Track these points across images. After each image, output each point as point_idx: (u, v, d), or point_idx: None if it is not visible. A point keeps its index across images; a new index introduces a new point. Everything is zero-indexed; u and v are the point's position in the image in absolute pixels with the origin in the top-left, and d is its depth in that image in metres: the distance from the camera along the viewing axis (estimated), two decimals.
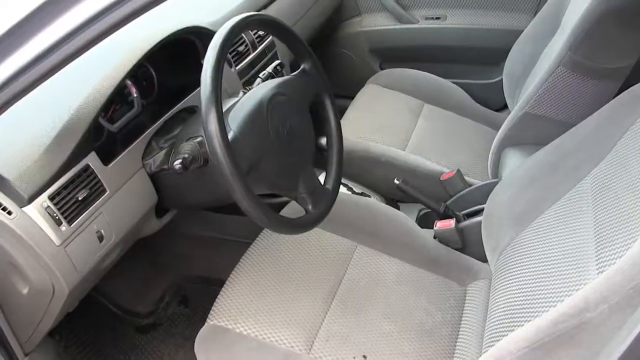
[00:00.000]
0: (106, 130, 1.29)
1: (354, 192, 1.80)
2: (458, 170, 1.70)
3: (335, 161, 1.29)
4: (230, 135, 1.03)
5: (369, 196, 1.80)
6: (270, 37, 1.70)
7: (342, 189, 1.81)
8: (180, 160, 1.04)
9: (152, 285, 1.89)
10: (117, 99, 1.33)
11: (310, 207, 1.18)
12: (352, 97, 2.13)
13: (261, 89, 1.15)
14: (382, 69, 2.43)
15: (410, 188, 1.57)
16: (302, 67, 1.26)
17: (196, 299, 1.85)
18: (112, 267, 1.36)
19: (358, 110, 2.02)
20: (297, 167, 1.16)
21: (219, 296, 1.29)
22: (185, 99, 1.37)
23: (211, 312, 1.26)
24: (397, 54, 2.38)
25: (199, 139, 1.15)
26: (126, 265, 1.79)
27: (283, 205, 1.49)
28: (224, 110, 1.13)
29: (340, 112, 1.94)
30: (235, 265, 1.34)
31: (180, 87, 1.43)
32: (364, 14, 2.38)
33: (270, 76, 1.35)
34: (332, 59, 2.50)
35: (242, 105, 1.11)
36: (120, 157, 1.18)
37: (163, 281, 1.90)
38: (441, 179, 1.72)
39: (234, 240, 1.88)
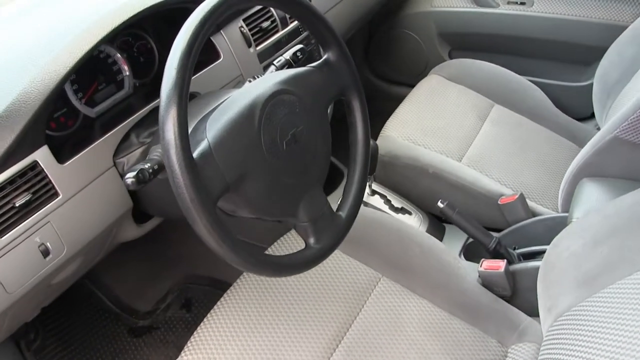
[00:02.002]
0: (82, 116, 1.07)
1: (391, 207, 1.52)
2: (521, 195, 1.39)
3: (356, 180, 1.01)
4: (201, 146, 0.78)
5: (409, 213, 1.52)
6: None
7: (379, 202, 1.53)
8: (133, 174, 0.80)
9: (156, 280, 1.70)
10: (104, 76, 1.10)
11: (311, 239, 0.92)
12: (411, 86, 1.83)
13: (260, 84, 0.89)
14: (450, 57, 2.10)
15: (456, 215, 1.28)
16: (324, 56, 0.98)
17: (200, 304, 1.64)
18: (114, 256, 1.16)
19: (413, 104, 1.71)
20: (298, 189, 0.90)
21: (198, 328, 1.06)
22: None
23: (187, 346, 1.03)
24: (469, 41, 2.04)
25: None
26: (131, 254, 1.60)
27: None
28: (209, 110, 0.87)
29: (396, 101, 1.76)
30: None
31: None
32: None
33: (288, 64, 1.08)
34: (393, 40, 2.19)
35: (230, 105, 0.85)
36: (83, 152, 0.95)
37: (169, 277, 1.71)
38: (499, 202, 1.41)
39: (249, 243, 1.65)
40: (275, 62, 1.08)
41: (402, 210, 1.52)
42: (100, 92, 1.10)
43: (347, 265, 1.19)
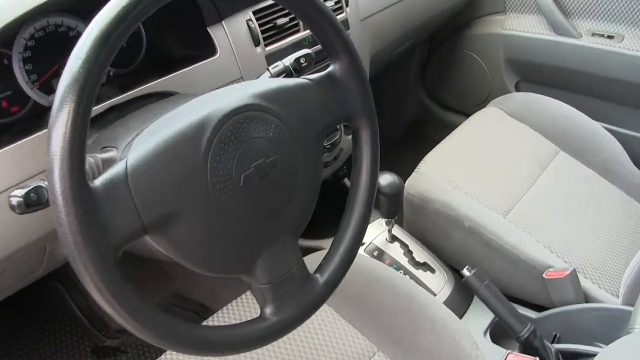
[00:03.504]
0: (31, 102, 0.87)
1: (411, 260, 1.26)
2: (573, 271, 1.10)
3: (348, 235, 0.78)
4: (113, 170, 0.57)
5: (432, 270, 1.26)
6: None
7: (397, 251, 1.28)
8: (23, 193, 0.58)
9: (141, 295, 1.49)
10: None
11: (268, 308, 0.70)
12: (468, 115, 1.58)
13: (227, 93, 0.66)
14: (517, 90, 1.82)
15: (484, 289, 1.01)
16: (329, 68, 0.75)
17: None
18: None
19: (462, 138, 1.45)
20: (256, 240, 0.68)
21: None
22: (165, 78, 0.90)
23: None
24: (540, 73, 1.75)
25: (111, 152, 0.69)
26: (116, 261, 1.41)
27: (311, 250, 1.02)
28: (154, 121, 0.65)
29: (448, 129, 1.49)
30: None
31: (173, 58, 0.98)
32: (509, 13, 1.77)
33: (287, 73, 0.84)
34: (454, 62, 1.94)
35: (174, 118, 0.62)
36: (17, 144, 0.76)
37: (154, 295, 1.50)
38: (545, 275, 1.14)
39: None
40: (270, 68, 0.84)
41: (424, 266, 1.26)
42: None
43: (335, 327, 0.96)
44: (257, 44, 1.02)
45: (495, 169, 1.35)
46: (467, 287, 1.09)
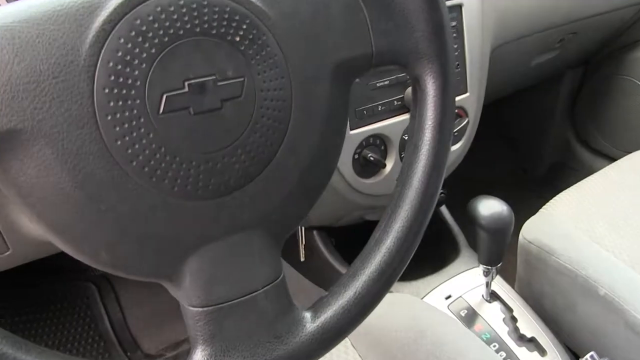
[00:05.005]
0: None
1: (514, 331, 0.90)
2: None
3: (382, 253, 0.46)
4: None
5: (541, 352, 0.88)
6: None
7: (496, 316, 0.93)
8: None
9: (177, 320, 1.26)
10: None
11: (199, 353, 0.40)
12: (610, 158, 1.23)
13: None
14: None
15: None
16: None
17: None
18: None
19: (609, 180, 1.07)
20: (190, 223, 0.39)
21: None
22: None
23: None
24: None
25: None
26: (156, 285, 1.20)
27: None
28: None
29: (581, 171, 1.07)
30: None
31: None
32: None
33: None
34: (604, 88, 1.54)
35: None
36: None
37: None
38: None
39: None
40: None
41: (530, 344, 0.89)
42: None
43: None
44: None
45: None
46: None
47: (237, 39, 0.38)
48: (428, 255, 0.46)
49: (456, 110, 0.92)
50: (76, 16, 0.34)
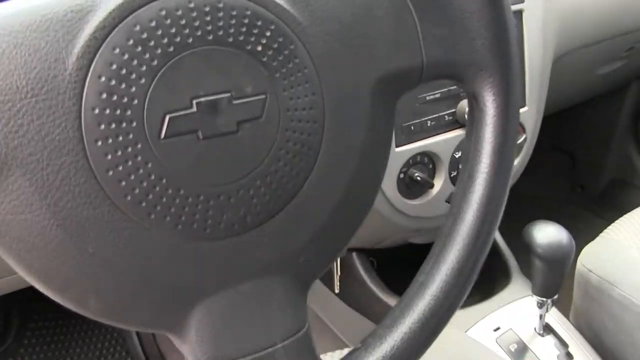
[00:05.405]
0: None
1: None
2: None
3: (431, 292, 0.40)
4: None
5: None
6: None
7: (550, 352, 0.85)
8: None
9: None
10: None
11: None
12: None
13: None
14: None
15: None
16: None
17: None
18: None
19: None
20: (198, 267, 0.34)
21: None
22: None
23: None
24: None
25: None
26: None
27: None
28: None
29: None
30: None
31: None
32: None
33: None
34: None
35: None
36: None
37: None
38: None
39: None
40: None
41: None
42: None
43: None
44: None
45: None
46: None
47: (259, 48, 0.32)
48: (475, 281, 0.41)
49: None
50: (63, 22, 0.29)
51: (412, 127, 0.76)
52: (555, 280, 0.78)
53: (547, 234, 0.76)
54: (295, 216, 0.35)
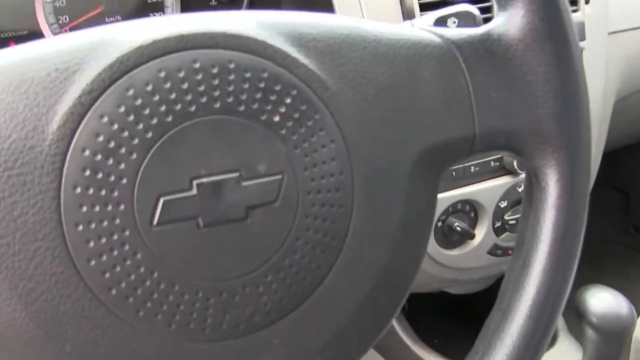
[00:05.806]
0: None
1: None
2: None
3: None
4: None
5: None
6: None
7: None
8: None
9: None
10: None
11: None
12: None
13: (206, 16, 0.30)
14: None
15: None
16: (489, 23, 0.33)
17: None
18: None
19: None
20: None
21: None
22: None
23: None
24: None
25: None
26: None
27: None
28: None
29: None
30: None
31: None
32: None
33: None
34: None
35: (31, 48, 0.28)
36: None
37: None
38: None
39: None
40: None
41: None
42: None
43: None
44: None
45: None
46: None
47: (276, 118, 0.27)
48: None
49: None
50: (45, 83, 0.25)
51: (454, 173, 0.70)
52: (611, 355, 0.70)
53: (604, 301, 0.68)
54: (312, 316, 0.30)
